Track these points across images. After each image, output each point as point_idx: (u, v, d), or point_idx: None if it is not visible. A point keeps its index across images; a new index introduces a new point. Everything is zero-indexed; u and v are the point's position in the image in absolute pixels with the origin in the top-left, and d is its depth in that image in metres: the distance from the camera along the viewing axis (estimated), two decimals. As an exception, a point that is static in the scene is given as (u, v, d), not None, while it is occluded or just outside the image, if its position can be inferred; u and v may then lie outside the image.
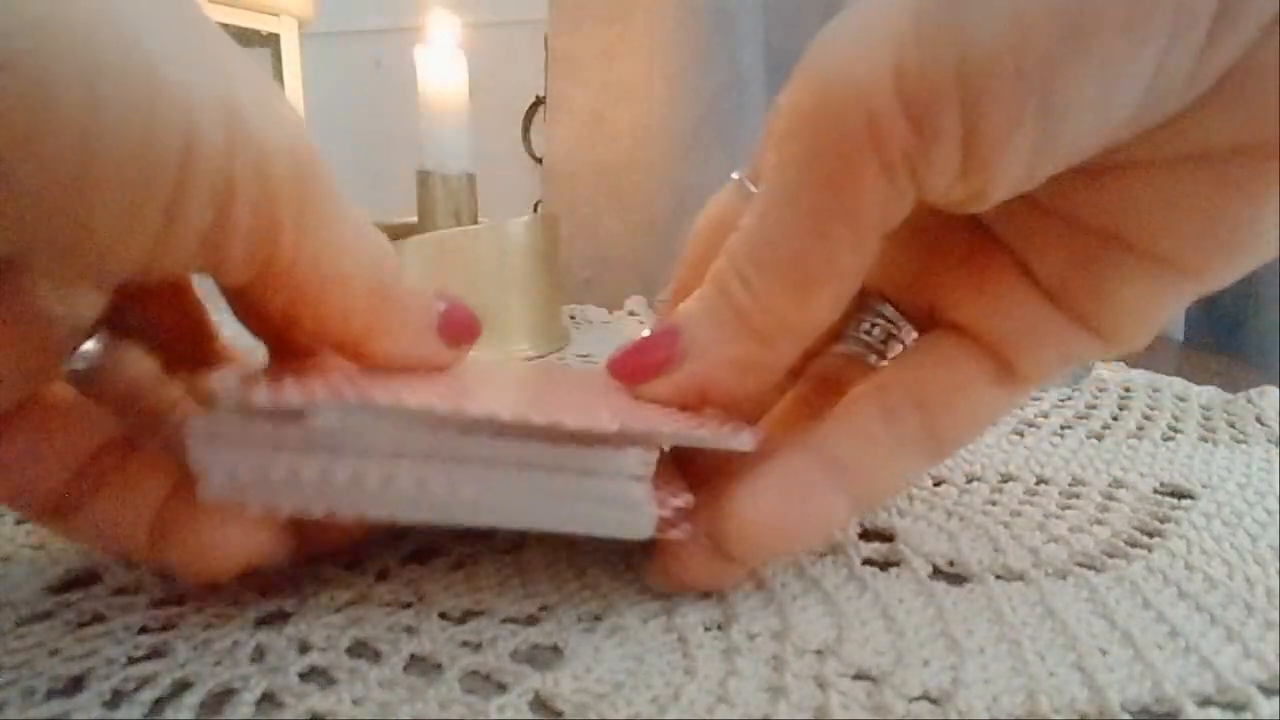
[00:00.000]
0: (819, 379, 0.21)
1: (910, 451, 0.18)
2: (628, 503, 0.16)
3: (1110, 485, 0.25)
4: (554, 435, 0.15)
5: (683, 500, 0.17)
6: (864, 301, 0.20)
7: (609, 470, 0.16)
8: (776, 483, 0.17)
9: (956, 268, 0.19)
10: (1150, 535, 0.21)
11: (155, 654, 0.16)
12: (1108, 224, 0.16)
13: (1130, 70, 0.13)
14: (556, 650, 0.16)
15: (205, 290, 0.20)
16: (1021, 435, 0.29)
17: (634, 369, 0.19)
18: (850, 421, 0.18)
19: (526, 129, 0.87)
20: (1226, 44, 0.13)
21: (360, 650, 0.16)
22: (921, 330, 0.20)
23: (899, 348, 0.20)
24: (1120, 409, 0.33)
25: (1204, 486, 0.24)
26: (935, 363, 0.18)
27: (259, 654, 0.16)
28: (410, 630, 0.17)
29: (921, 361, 0.19)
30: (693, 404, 0.19)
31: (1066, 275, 0.17)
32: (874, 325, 0.20)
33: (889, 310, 0.20)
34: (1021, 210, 0.17)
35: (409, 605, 0.18)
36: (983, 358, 0.18)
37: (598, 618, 0.17)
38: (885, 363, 0.20)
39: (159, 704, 0.15)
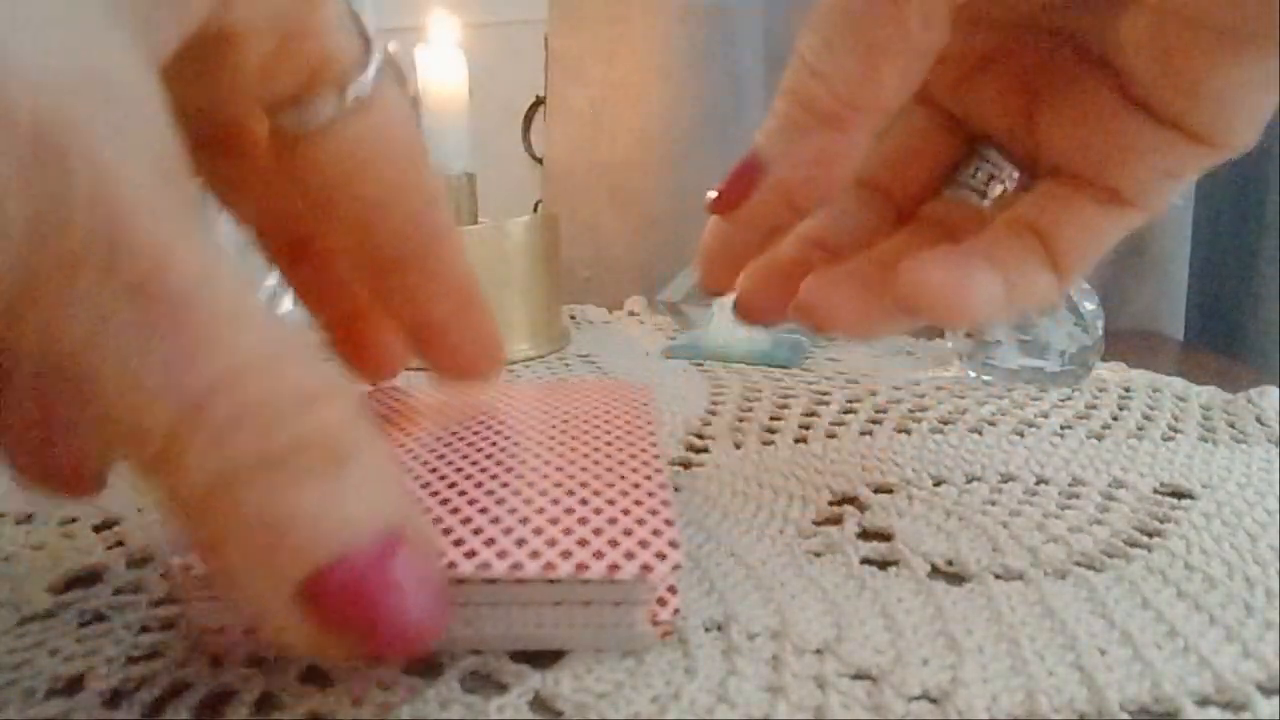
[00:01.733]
0: (928, 222, 0.22)
1: (1037, 271, 0.19)
2: (624, 624, 0.16)
3: (1110, 485, 0.25)
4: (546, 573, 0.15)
5: (672, 608, 0.16)
6: (969, 148, 0.22)
7: (607, 599, 0.15)
8: (943, 258, 0.18)
9: (1053, 100, 0.19)
10: (1150, 535, 0.21)
11: (155, 654, 0.16)
12: (1189, 5, 0.16)
13: None
14: (556, 650, 0.16)
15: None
16: (1021, 435, 0.29)
17: (727, 199, 0.19)
18: (988, 237, 0.19)
19: (526, 129, 0.87)
20: None
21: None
22: (1025, 172, 0.21)
23: (1000, 189, 0.21)
24: (1120, 409, 0.33)
25: (1204, 486, 0.24)
26: (1044, 204, 0.19)
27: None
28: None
29: (1033, 204, 0.20)
30: (783, 215, 0.20)
31: (1156, 74, 0.17)
32: (977, 169, 0.22)
33: (992, 154, 0.21)
34: (1108, 10, 0.18)
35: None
36: (1085, 190, 0.19)
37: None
38: (988, 203, 0.21)
39: (158, 704, 0.15)
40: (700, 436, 0.29)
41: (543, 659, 0.16)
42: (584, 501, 0.17)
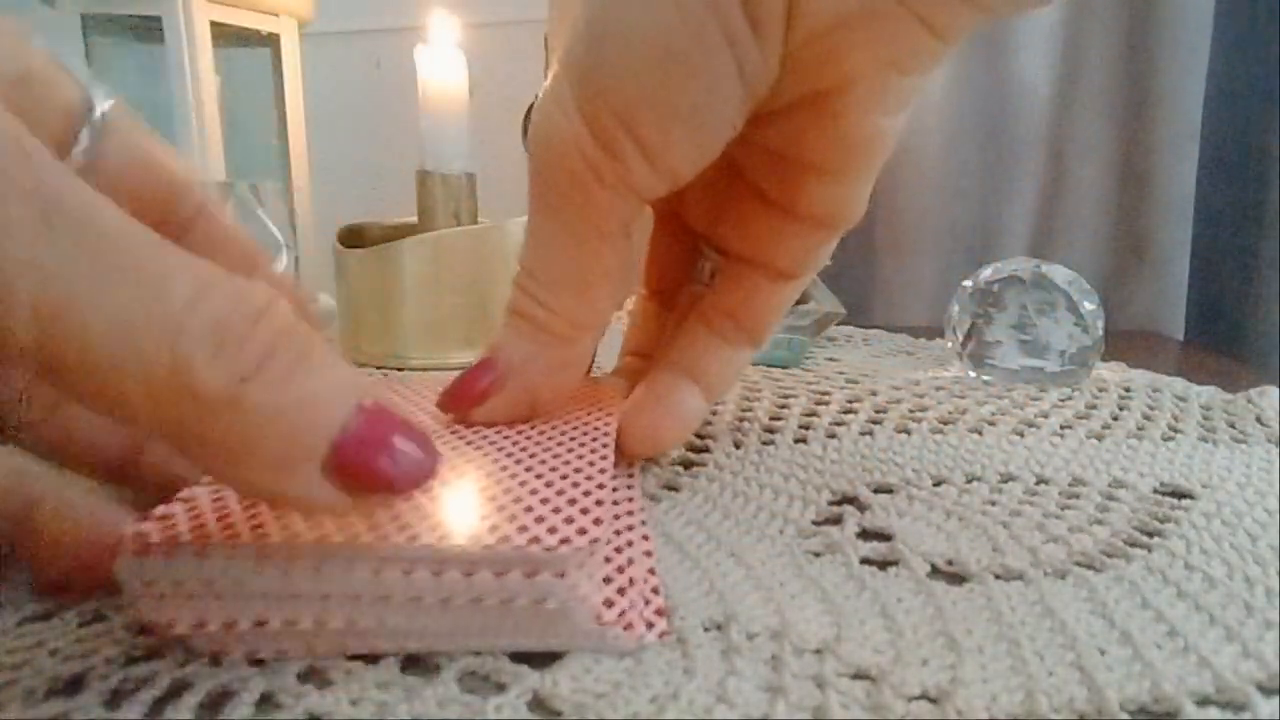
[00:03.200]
0: (681, 310, 0.28)
1: (735, 346, 0.25)
2: (562, 614, 0.15)
3: (1110, 485, 0.25)
4: (467, 561, 0.15)
5: (656, 607, 0.16)
6: (698, 248, 0.27)
7: (532, 595, 0.15)
8: (649, 394, 0.24)
9: (726, 205, 0.25)
10: (1150, 535, 0.21)
11: (154, 654, 0.16)
12: (783, 148, 0.22)
13: (720, 73, 0.19)
14: (555, 650, 0.16)
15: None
16: (1021, 435, 0.29)
17: (462, 399, 0.22)
18: (690, 339, 0.25)
19: (526, 129, 0.87)
20: (771, 42, 0.19)
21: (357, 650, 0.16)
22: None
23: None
24: (1120, 409, 0.33)
25: (1204, 486, 0.24)
26: (730, 287, 0.25)
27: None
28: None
29: (723, 287, 0.25)
30: (526, 413, 0.22)
31: (779, 188, 0.23)
32: (702, 266, 0.27)
33: (710, 253, 0.26)
34: (755, 153, 0.23)
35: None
36: (758, 270, 0.25)
37: (597, 617, 0.17)
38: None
39: (158, 704, 0.15)
40: (700, 436, 0.29)
41: (541, 659, 0.16)
42: (523, 484, 0.18)
